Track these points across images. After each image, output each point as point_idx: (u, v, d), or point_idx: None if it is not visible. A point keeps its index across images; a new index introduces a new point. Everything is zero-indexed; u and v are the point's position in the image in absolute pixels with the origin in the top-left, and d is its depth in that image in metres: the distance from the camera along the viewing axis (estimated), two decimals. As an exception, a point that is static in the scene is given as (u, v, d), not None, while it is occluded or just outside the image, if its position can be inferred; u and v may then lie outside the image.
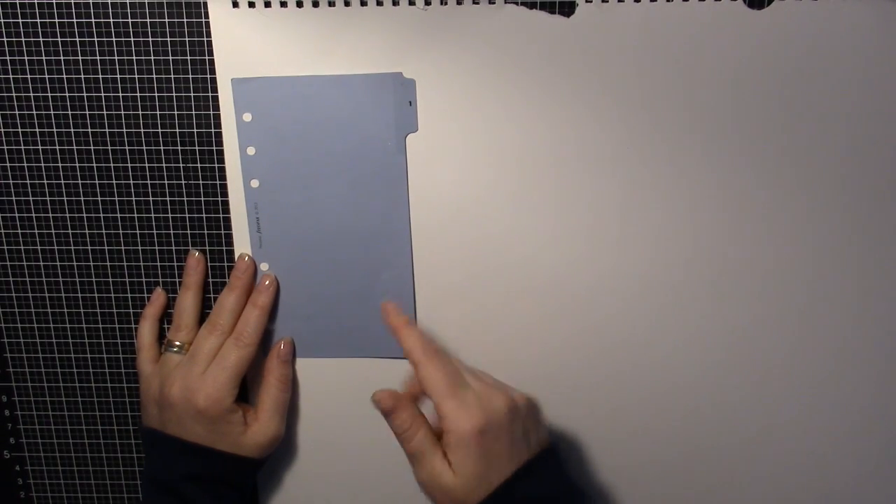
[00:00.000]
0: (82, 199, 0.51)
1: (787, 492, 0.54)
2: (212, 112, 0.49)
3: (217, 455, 0.49)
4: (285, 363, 0.52)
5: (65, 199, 0.51)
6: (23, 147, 0.50)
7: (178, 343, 0.51)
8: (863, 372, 0.51)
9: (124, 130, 0.50)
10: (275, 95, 0.48)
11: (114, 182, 0.51)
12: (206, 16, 0.47)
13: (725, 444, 0.53)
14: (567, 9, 0.46)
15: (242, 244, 0.51)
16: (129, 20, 0.47)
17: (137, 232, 0.52)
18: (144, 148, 0.50)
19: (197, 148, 0.50)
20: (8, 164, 0.51)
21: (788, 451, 0.53)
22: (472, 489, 0.43)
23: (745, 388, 0.52)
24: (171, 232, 0.52)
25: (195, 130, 0.49)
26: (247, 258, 0.51)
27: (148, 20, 0.47)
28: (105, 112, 0.49)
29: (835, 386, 0.52)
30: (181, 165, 0.50)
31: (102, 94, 0.49)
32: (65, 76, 0.49)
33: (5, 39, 0.48)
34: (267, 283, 0.51)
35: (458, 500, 0.44)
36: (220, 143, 0.49)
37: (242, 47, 0.47)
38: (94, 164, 0.51)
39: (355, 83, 0.48)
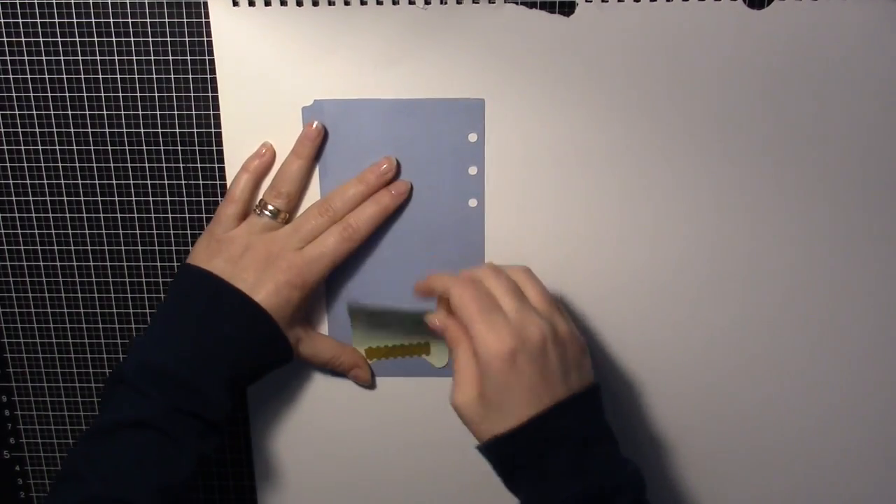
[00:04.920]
0: (82, 199, 0.51)
1: (790, 490, 0.54)
2: (212, 112, 0.49)
3: (275, 328, 0.46)
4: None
5: (65, 199, 0.51)
6: (23, 147, 0.50)
7: (272, 207, 0.48)
8: (861, 367, 0.52)
9: (124, 130, 0.50)
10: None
11: (114, 182, 0.51)
12: (207, 16, 0.47)
13: (729, 442, 0.54)
14: (567, 8, 0.46)
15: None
16: (129, 20, 0.47)
17: (137, 232, 0.52)
18: (144, 148, 0.50)
19: (197, 148, 0.50)
20: (8, 164, 0.51)
21: (791, 448, 0.53)
22: (489, 418, 0.42)
23: (744, 385, 0.52)
24: (171, 232, 0.52)
25: (195, 130, 0.49)
26: (389, 159, 0.48)
27: (148, 20, 0.47)
28: (105, 112, 0.49)
29: (836, 383, 0.52)
30: (181, 165, 0.50)
31: (102, 94, 0.49)
32: (65, 76, 0.49)
33: (5, 39, 0.48)
34: (394, 192, 0.49)
35: (473, 426, 0.43)
36: (219, 143, 0.49)
37: (242, 47, 0.47)
38: (94, 164, 0.51)
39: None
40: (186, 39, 0.48)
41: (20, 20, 0.48)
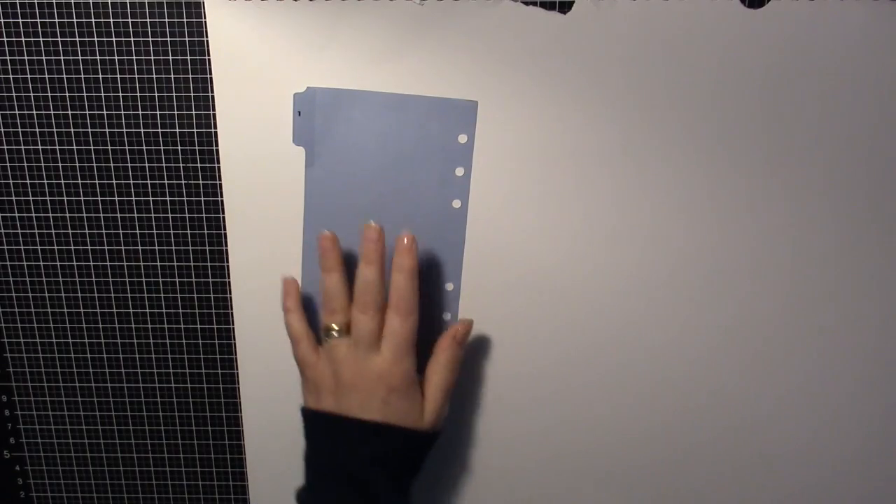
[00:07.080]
0: (82, 199, 0.51)
1: (779, 487, 0.54)
2: (212, 112, 0.49)
3: (401, 432, 0.47)
4: (459, 346, 0.50)
5: (65, 199, 0.52)
6: (23, 147, 0.51)
7: (336, 327, 0.48)
8: (853, 368, 0.51)
9: (124, 130, 0.50)
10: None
11: (114, 182, 0.51)
12: (206, 15, 0.47)
13: (719, 440, 0.53)
14: (564, 6, 0.46)
15: (236, 243, 0.51)
16: (129, 20, 0.48)
17: (137, 232, 0.52)
18: (144, 148, 0.50)
19: (197, 148, 0.50)
20: (8, 164, 0.51)
21: (779, 447, 0.53)
22: None
23: (739, 384, 0.52)
24: (171, 232, 0.52)
25: (195, 130, 0.50)
26: (373, 224, 0.47)
27: (147, 20, 0.48)
28: (105, 112, 0.50)
29: (825, 382, 0.52)
30: (181, 165, 0.50)
31: (102, 94, 0.49)
32: (65, 76, 0.49)
33: (5, 39, 0.48)
34: (406, 242, 0.47)
35: None
36: (219, 142, 0.50)
37: (237, 40, 0.47)
38: (94, 164, 0.51)
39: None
40: (186, 39, 0.48)
41: (20, 20, 0.48)
